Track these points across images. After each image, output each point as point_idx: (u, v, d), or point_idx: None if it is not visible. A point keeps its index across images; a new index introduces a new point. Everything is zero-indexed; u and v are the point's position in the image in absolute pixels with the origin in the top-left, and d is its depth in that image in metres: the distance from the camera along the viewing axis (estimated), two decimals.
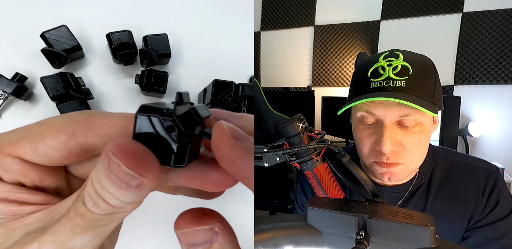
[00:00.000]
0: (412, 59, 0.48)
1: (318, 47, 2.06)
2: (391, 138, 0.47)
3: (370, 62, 0.50)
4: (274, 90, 2.13)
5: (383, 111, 0.47)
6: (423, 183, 0.57)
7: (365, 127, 0.51)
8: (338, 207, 0.35)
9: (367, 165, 0.53)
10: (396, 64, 0.47)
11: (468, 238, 0.55)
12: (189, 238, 0.22)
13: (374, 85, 0.48)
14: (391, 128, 0.48)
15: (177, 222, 0.23)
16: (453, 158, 0.58)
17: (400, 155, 0.49)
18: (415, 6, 1.76)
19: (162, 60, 0.61)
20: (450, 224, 0.56)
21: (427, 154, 0.56)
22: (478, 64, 1.62)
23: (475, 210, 0.54)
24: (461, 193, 0.55)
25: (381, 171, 0.50)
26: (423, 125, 0.48)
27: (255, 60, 2.24)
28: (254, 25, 2.22)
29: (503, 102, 1.58)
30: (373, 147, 0.49)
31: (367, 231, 0.32)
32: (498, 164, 0.60)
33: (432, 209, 0.56)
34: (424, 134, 0.49)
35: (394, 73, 0.47)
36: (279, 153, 0.40)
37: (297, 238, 0.36)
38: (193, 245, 0.22)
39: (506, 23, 1.57)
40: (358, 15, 1.93)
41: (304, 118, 0.41)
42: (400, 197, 0.57)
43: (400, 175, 0.51)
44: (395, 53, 0.49)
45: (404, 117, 0.47)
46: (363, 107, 0.49)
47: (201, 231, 0.22)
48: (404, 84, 0.46)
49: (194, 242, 0.22)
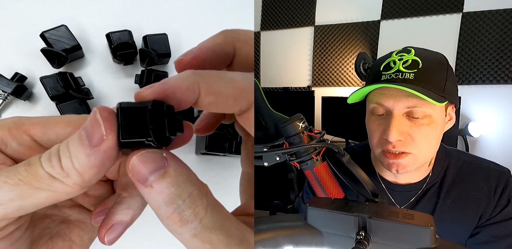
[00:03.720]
0: (423, 54, 0.51)
1: (318, 47, 2.06)
2: (398, 127, 0.49)
3: (384, 58, 0.53)
4: (274, 90, 2.13)
5: (392, 102, 0.49)
6: (436, 182, 0.58)
7: (376, 118, 0.53)
8: (338, 207, 0.35)
9: (376, 156, 0.54)
10: (406, 59, 0.50)
11: (476, 235, 0.57)
12: (139, 170, 0.20)
13: (385, 77, 0.50)
14: (399, 118, 0.50)
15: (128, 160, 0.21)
16: (465, 159, 0.60)
17: (407, 144, 0.50)
18: (415, 6, 1.76)
19: (162, 60, 0.61)
20: (459, 222, 0.57)
21: (440, 154, 0.58)
22: (478, 64, 1.62)
23: (486, 209, 0.56)
24: (472, 193, 0.56)
25: (388, 162, 0.52)
26: (432, 118, 0.50)
27: (255, 60, 2.24)
28: (254, 25, 2.22)
29: (503, 102, 1.58)
30: (381, 136, 0.51)
31: (367, 231, 0.32)
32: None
33: (443, 207, 0.57)
34: (434, 127, 0.50)
35: (404, 67, 0.50)
36: (279, 153, 0.40)
37: (297, 238, 0.36)
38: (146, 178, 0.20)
39: (506, 23, 1.57)
40: (358, 15, 1.92)
41: (304, 118, 0.41)
42: (413, 195, 0.58)
43: (408, 167, 0.51)
44: (407, 49, 0.52)
45: (412, 108, 0.49)
46: (374, 99, 0.52)
47: (148, 156, 0.21)
48: (412, 76, 0.49)
49: (145, 172, 0.20)
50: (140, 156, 0.21)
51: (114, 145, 0.21)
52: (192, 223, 0.20)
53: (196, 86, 0.22)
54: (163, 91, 0.22)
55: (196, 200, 0.21)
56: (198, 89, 0.22)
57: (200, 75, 0.23)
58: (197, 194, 0.21)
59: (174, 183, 0.21)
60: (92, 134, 0.20)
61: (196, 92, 0.22)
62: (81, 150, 0.20)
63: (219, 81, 0.23)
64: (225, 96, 0.23)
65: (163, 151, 0.21)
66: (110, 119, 0.21)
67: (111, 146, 0.20)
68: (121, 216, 0.26)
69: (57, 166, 0.20)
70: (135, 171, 0.21)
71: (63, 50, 0.54)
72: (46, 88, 0.53)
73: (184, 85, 0.22)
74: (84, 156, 0.20)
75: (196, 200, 0.21)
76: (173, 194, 0.20)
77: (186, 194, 0.21)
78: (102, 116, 0.21)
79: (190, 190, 0.21)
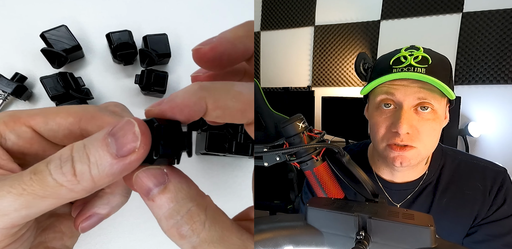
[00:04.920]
0: (431, 53, 0.52)
1: (318, 47, 2.06)
2: (408, 120, 0.49)
3: (391, 54, 0.54)
4: (274, 90, 2.13)
5: (403, 92, 0.50)
6: (431, 181, 0.58)
7: (382, 111, 0.53)
8: (338, 207, 0.35)
9: (380, 150, 0.54)
10: (417, 55, 0.51)
11: (473, 234, 0.57)
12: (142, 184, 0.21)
13: (397, 71, 0.51)
14: (409, 111, 0.50)
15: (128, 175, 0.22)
16: (462, 158, 0.60)
17: (414, 138, 0.50)
18: (415, 6, 1.76)
19: (162, 60, 0.61)
20: (455, 221, 0.57)
21: (437, 153, 0.59)
22: (478, 64, 1.62)
23: (481, 209, 0.56)
24: (468, 192, 0.56)
25: (393, 155, 0.52)
26: (437, 113, 0.51)
27: (255, 60, 2.24)
28: (254, 25, 2.22)
29: (503, 102, 1.58)
30: (389, 130, 0.51)
31: (367, 231, 0.32)
32: (500, 164, 0.61)
33: (439, 206, 0.57)
34: (438, 122, 0.51)
35: (415, 62, 0.50)
36: (279, 153, 0.40)
37: (297, 238, 0.36)
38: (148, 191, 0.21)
39: (506, 23, 1.57)
40: (358, 15, 1.92)
41: (304, 118, 0.41)
42: (409, 194, 0.59)
43: (412, 160, 0.52)
44: (416, 47, 0.53)
45: (422, 100, 0.49)
46: (384, 89, 0.52)
47: (149, 172, 0.22)
48: (424, 71, 0.49)
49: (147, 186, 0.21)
50: (142, 171, 0.22)
51: (141, 159, 0.21)
52: (191, 237, 0.21)
53: (203, 101, 0.22)
54: (170, 109, 0.22)
55: (193, 216, 0.21)
56: (205, 105, 0.22)
57: (207, 90, 0.23)
58: (195, 210, 0.22)
59: (173, 198, 0.21)
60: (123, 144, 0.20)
61: (203, 107, 0.22)
62: (106, 157, 0.20)
63: (226, 95, 0.23)
64: (232, 110, 0.23)
65: (163, 167, 0.22)
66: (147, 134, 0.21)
67: (138, 159, 0.21)
68: (99, 209, 0.28)
69: (69, 173, 0.20)
70: (139, 183, 0.22)
71: (63, 50, 0.54)
72: (46, 88, 0.53)
73: (191, 101, 0.22)
74: (107, 164, 0.20)
75: (194, 216, 0.21)
76: (171, 210, 0.21)
77: (184, 210, 0.21)
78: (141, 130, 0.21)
79: (189, 206, 0.21)
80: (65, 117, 0.26)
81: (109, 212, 0.29)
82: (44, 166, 0.21)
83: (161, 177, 0.22)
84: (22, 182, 0.21)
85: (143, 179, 0.21)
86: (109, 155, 0.20)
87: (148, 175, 0.21)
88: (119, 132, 0.20)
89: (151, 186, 0.21)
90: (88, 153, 0.20)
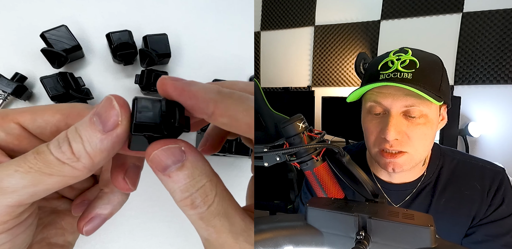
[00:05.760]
0: (420, 55, 0.51)
1: (318, 47, 2.06)
2: (396, 126, 0.49)
3: (381, 58, 0.53)
4: (274, 90, 2.13)
5: (390, 100, 0.50)
6: (430, 181, 0.58)
7: (372, 117, 0.53)
8: (338, 207, 0.35)
9: (373, 155, 0.54)
10: (404, 59, 0.50)
11: (471, 234, 0.57)
12: (160, 161, 0.22)
13: (383, 77, 0.51)
14: (397, 117, 0.50)
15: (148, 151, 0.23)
16: (460, 158, 0.60)
17: (404, 144, 0.50)
18: (415, 6, 1.76)
19: (162, 60, 0.61)
20: (454, 222, 0.57)
21: (435, 154, 0.58)
22: (478, 64, 1.62)
23: (480, 209, 0.56)
24: (466, 192, 0.56)
25: (385, 162, 0.52)
26: (428, 117, 0.50)
27: (255, 60, 2.24)
28: (254, 25, 2.22)
29: (503, 102, 1.58)
30: (379, 136, 0.52)
31: (367, 231, 0.32)
32: (498, 164, 0.60)
33: (437, 206, 0.57)
34: (429, 126, 0.51)
35: (402, 66, 0.50)
36: (279, 153, 0.40)
37: (297, 238, 0.36)
38: (166, 168, 0.22)
39: (506, 23, 1.57)
40: (358, 15, 1.92)
41: (304, 118, 0.41)
42: (407, 195, 0.58)
43: (404, 166, 0.52)
44: (404, 50, 0.52)
45: (410, 108, 0.49)
46: (372, 97, 0.52)
47: (169, 151, 0.23)
48: (410, 76, 0.49)
49: (165, 164, 0.22)
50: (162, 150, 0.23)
51: (127, 130, 0.22)
52: (201, 208, 0.23)
53: (212, 104, 0.23)
54: (181, 90, 0.23)
55: (207, 191, 0.23)
56: (213, 108, 0.23)
57: (222, 95, 0.23)
58: (208, 185, 0.23)
59: (190, 175, 0.23)
60: (106, 120, 0.22)
61: (209, 109, 0.23)
62: (94, 134, 0.22)
63: (237, 107, 0.23)
64: (240, 123, 0.24)
65: (182, 145, 0.23)
66: (125, 106, 0.23)
67: (124, 131, 0.22)
68: (100, 210, 0.29)
69: (68, 151, 0.22)
70: (156, 161, 0.23)
71: (63, 50, 0.54)
72: (46, 88, 0.53)
73: (202, 97, 0.23)
74: (97, 140, 0.22)
75: (207, 191, 0.23)
76: (188, 184, 0.23)
77: (199, 185, 0.23)
78: (118, 103, 0.22)
79: (203, 182, 0.23)
80: (53, 114, 0.27)
81: (111, 211, 0.29)
82: (45, 147, 0.22)
83: (179, 155, 0.23)
84: (27, 161, 0.22)
85: (162, 157, 0.22)
86: (98, 132, 0.22)
87: (167, 153, 0.22)
88: (102, 110, 0.22)
89: (169, 164, 0.22)
90: (80, 133, 0.22)
